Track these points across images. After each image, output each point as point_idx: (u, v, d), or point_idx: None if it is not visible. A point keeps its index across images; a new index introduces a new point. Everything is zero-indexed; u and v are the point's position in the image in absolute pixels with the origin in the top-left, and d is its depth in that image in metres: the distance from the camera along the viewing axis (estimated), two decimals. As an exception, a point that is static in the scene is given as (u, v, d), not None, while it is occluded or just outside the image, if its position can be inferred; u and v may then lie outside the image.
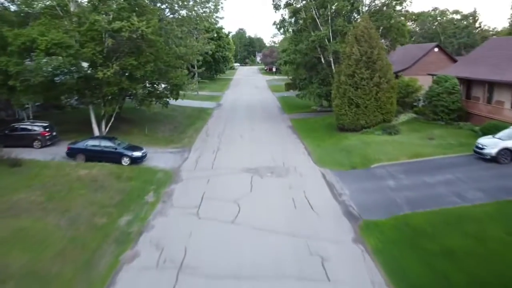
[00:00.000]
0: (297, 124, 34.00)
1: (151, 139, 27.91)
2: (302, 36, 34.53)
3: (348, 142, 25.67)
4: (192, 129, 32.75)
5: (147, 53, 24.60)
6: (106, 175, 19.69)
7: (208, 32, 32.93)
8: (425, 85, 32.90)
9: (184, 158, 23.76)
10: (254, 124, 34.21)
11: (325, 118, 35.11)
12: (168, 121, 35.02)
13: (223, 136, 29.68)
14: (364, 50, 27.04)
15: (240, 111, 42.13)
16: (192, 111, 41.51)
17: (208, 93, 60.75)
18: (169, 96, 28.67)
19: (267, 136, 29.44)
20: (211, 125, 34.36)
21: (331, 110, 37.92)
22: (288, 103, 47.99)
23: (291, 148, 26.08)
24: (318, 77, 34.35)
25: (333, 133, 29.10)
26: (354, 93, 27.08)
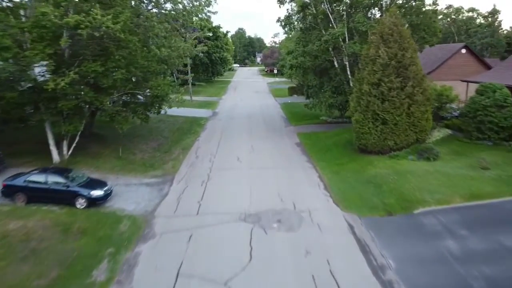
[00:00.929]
0: (307, 141, 28.38)
1: (125, 164, 22.30)
2: (312, 35, 28.94)
3: (374, 170, 20.06)
4: (180, 147, 27.11)
5: (117, 57, 19.04)
6: (48, 228, 14.10)
7: (202, 30, 27.29)
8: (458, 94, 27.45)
9: (163, 194, 18.14)
10: (254, 141, 28.59)
11: (339, 132, 29.51)
12: (152, 137, 29.41)
13: (216, 159, 24.06)
14: (393, 53, 21.46)
15: (238, 122, 36.49)
16: (183, 122, 35.90)
17: (203, 99, 55.16)
18: (149, 109, 23.07)
19: (270, 159, 23.83)
20: (203, 142, 28.74)
21: (344, 121, 32.51)
22: (293, 111, 42.36)
23: (302, 177, 20.48)
24: (331, 84, 28.75)
25: (352, 155, 23.48)
26: (380, 107, 21.50)
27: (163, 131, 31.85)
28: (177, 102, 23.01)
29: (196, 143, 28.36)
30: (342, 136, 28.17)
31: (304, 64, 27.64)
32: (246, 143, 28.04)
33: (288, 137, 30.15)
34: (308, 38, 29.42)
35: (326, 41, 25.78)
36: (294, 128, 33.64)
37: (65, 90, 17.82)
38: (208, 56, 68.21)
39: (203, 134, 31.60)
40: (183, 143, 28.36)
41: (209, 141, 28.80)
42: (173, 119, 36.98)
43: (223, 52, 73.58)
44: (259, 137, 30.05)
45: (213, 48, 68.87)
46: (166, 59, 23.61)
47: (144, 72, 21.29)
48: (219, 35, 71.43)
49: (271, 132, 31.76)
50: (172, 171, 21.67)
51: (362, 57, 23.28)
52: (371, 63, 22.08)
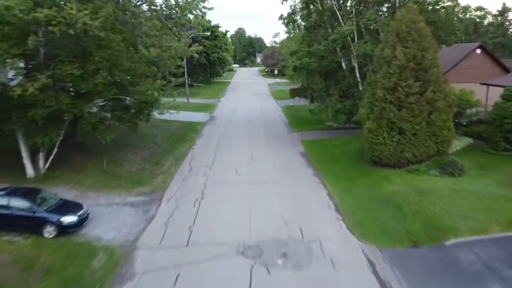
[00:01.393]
0: (312, 150, 25.90)
1: (110, 179, 19.85)
2: (318, 34, 26.50)
3: (391, 187, 17.59)
4: (173, 157, 24.65)
5: (97, 58, 16.59)
6: (5, 265, 11.69)
7: (197, 29, 24.77)
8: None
9: (149, 218, 15.67)
10: (255, 149, 26.12)
11: (347, 140, 27.05)
12: (144, 145, 26.96)
13: (212, 171, 21.58)
14: (411, 53, 19.02)
15: (237, 128, 34.01)
16: (178, 128, 33.44)
17: (201, 101, 52.75)
18: (137, 117, 20.62)
19: (273, 172, 21.37)
20: (198, 151, 26.26)
21: (352, 127, 30.08)
22: (295, 115, 39.89)
23: (309, 194, 18.03)
24: (338, 88, 26.29)
25: (364, 168, 21.01)
26: (396, 114, 19.05)
27: (156, 138, 29.40)
28: (168, 108, 20.53)
29: (190, 152, 25.88)
30: (351, 145, 25.71)
31: (309, 66, 25.19)
32: (246, 152, 25.57)
33: (291, 145, 27.67)
34: (313, 37, 26.96)
35: (334, 40, 23.33)
36: (297, 134, 31.17)
37: (36, 97, 15.41)
38: (206, 57, 65.79)
39: (199, 141, 29.11)
40: (176, 152, 25.88)
41: (205, 150, 26.32)
42: (167, 124, 34.53)
43: (221, 52, 71.16)
44: (260, 145, 27.58)
45: (211, 48, 66.51)
46: (156, 61, 21.13)
47: (130, 75, 18.81)
48: (217, 34, 68.99)
49: (273, 140, 29.28)
50: (161, 187, 19.20)
51: (375, 58, 20.83)
52: (386, 65, 19.64)
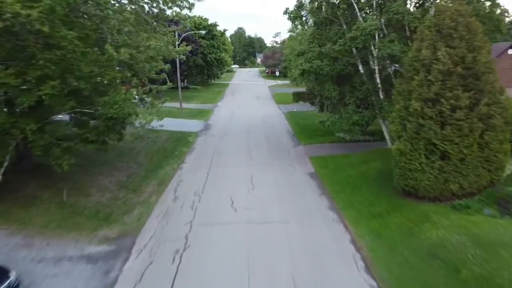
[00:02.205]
0: (324, 170, 21.52)
1: (69, 215, 15.46)
2: (331, 32, 22.11)
3: (436, 231, 13.19)
4: (156, 180, 20.27)
5: (41, 61, 12.23)
6: None
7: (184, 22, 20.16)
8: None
9: (108, 284, 11.29)
10: (255, 169, 21.73)
11: (365, 157, 22.70)
12: (122, 164, 22.58)
13: (202, 203, 17.19)
14: (458, 55, 14.67)
15: (235, 140, 29.60)
16: (166, 140, 29.11)
17: (196, 106, 48.42)
18: (106, 135, 16.22)
19: (277, 204, 16.98)
20: (187, 171, 21.86)
21: (367, 140, 25.75)
22: (300, 124, 35.53)
23: (326, 241, 13.66)
24: (355, 95, 21.90)
25: (393, 198, 16.65)
26: (439, 134, 14.69)
27: (139, 154, 25.03)
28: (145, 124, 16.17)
29: (178, 174, 21.48)
30: (370, 165, 21.35)
31: (321, 70, 20.78)
32: (244, 173, 21.18)
33: (298, 163, 23.27)
34: (324, 35, 22.56)
35: (352, 38, 18.91)
36: (304, 148, 26.80)
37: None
38: (203, 57, 61.50)
39: (190, 158, 24.69)
40: (161, 173, 21.49)
41: (195, 170, 21.93)
42: (155, 135, 30.17)
43: (219, 53, 66.79)
44: (261, 163, 23.18)
45: (208, 48, 62.17)
46: (132, 63, 16.73)
47: (93, 83, 14.42)
48: (215, 33, 64.60)
49: (276, 155, 24.88)
50: (135, 228, 14.80)
51: (407, 61, 16.44)
52: (423, 70, 15.28)
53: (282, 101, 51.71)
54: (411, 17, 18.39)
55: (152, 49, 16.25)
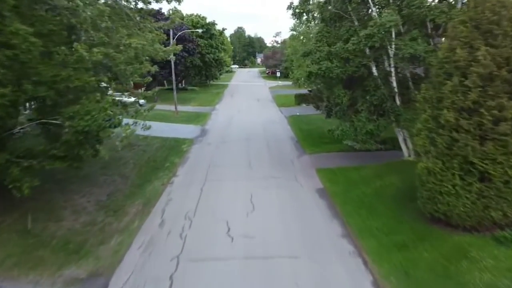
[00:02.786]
0: (333, 186, 18.91)
1: (33, 247, 12.88)
2: (341, 29, 19.56)
3: (479, 274, 10.64)
4: (141, 198, 17.68)
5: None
6: None
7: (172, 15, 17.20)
8: None
9: None
10: (255, 185, 19.14)
11: (379, 170, 20.18)
12: (105, 178, 20.03)
13: (193, 229, 14.58)
14: (503, 55, 12.10)
15: (233, 149, 27.00)
16: (158, 148, 26.58)
17: (192, 109, 45.90)
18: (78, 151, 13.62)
19: (282, 231, 14.39)
20: (178, 188, 19.26)
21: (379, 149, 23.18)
22: (304, 129, 32.98)
23: (343, 282, 11.10)
24: (369, 101, 19.33)
25: (418, 224, 14.08)
26: (478, 151, 12.13)
27: (126, 165, 22.47)
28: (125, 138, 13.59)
29: (167, 190, 18.90)
30: (386, 180, 18.80)
31: (331, 72, 18.20)
32: (243, 189, 18.60)
33: (304, 176, 20.68)
34: (333, 33, 19.99)
35: (368, 36, 16.32)
36: (310, 158, 24.23)
37: None
38: (201, 58, 58.93)
39: (182, 170, 22.10)
40: (148, 189, 18.91)
41: (187, 186, 19.35)
42: (145, 143, 27.66)
43: (218, 53, 64.18)
44: (262, 176, 20.60)
45: (206, 48, 59.65)
46: (110, 66, 14.16)
47: (58, 89, 11.86)
48: (213, 33, 62.01)
49: (279, 167, 22.30)
50: (109, 265, 12.20)
51: (437, 62, 13.87)
52: (458, 74, 12.71)
53: (283, 104, 49.12)
54: (437, 11, 15.79)
55: (134, 48, 13.65)
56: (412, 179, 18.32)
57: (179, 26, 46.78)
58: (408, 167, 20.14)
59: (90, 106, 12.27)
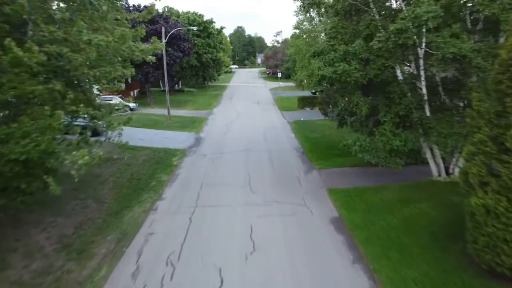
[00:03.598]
0: (351, 215, 15.49)
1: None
2: (359, 24, 16.20)
3: None
4: (116, 233, 14.31)
5: None
6: None
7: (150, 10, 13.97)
8: None
9: None
10: (256, 213, 15.75)
11: (402, 192, 16.91)
12: (78, 201, 16.70)
13: (175, 282, 11.21)
14: None
15: (230, 161, 23.61)
16: (145, 161, 23.25)
17: (188, 113, 42.57)
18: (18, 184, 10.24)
19: (291, 283, 11.05)
20: (163, 216, 15.85)
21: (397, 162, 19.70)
22: (310, 137, 29.64)
23: None
24: (393, 111, 15.98)
25: (468, 277, 10.73)
26: None
27: (104, 185, 19.13)
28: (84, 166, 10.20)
29: (149, 219, 15.51)
30: (415, 207, 15.45)
31: (349, 76, 14.82)
32: (242, 219, 15.24)
33: (314, 200, 17.28)
34: (350, 29, 16.61)
35: (400, 31, 12.92)
36: (319, 175, 20.87)
37: None
38: (198, 58, 55.57)
39: (169, 192, 18.69)
40: (126, 218, 15.55)
41: (174, 214, 15.97)
42: (132, 154, 24.50)
43: (216, 53, 60.76)
44: (264, 200, 17.21)
45: (203, 48, 56.26)
46: (68, 69, 10.79)
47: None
48: (211, 31, 58.59)
49: (284, 187, 18.92)
50: None
51: (497, 65, 10.50)
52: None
53: (286, 107, 45.76)
54: (486, 1, 12.42)
55: (95, 46, 10.29)
56: (449, 207, 15.04)
57: (173, 24, 43.45)
58: (440, 190, 16.85)
59: (31, 125, 8.89)
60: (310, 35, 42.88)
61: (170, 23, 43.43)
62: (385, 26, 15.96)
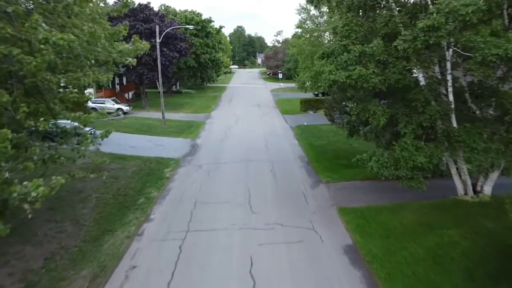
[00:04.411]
0: (368, 244, 13.29)
1: None
2: (376, 21, 14.05)
3: None
4: (91, 266, 12.11)
5: None
6: None
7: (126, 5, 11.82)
8: None
9: None
10: (257, 241, 13.56)
11: (425, 214, 14.77)
12: (52, 224, 14.57)
13: None
14: None
15: (228, 176, 21.34)
16: (134, 173, 21.09)
17: (185, 117, 40.43)
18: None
19: None
20: (149, 243, 13.65)
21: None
22: (315, 145, 27.49)
23: None
24: (416, 121, 13.81)
25: None
26: None
27: (86, 202, 16.99)
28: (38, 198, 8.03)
29: (132, 248, 13.30)
30: (442, 233, 13.35)
31: (366, 81, 12.64)
32: (239, 251, 13.03)
33: (323, 222, 15.09)
34: (366, 27, 14.43)
35: (431, 28, 10.73)
36: (327, 190, 18.70)
37: None
38: (196, 58, 53.40)
39: (159, 210, 16.48)
40: (105, 246, 13.36)
41: (161, 242, 13.73)
42: (119, 166, 22.44)
43: (215, 53, 58.55)
44: (267, 224, 14.99)
45: (201, 48, 54.08)
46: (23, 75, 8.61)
47: None
48: (210, 31, 56.37)
49: (288, 207, 16.71)
50: None
51: None
52: None
53: (288, 111, 43.57)
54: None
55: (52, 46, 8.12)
56: (483, 236, 12.89)
57: (168, 23, 41.28)
58: (469, 212, 14.69)
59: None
60: (313, 35, 40.71)
61: (165, 22, 41.26)
62: (406, 24, 13.84)
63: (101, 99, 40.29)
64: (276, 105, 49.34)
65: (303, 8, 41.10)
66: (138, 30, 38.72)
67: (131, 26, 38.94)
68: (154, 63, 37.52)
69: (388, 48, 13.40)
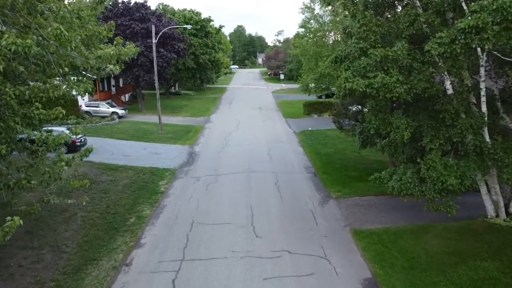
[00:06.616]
0: (390, 278, 11.48)
1: None
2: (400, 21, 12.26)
3: None
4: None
5: None
6: None
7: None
8: None
9: None
10: (261, 276, 11.76)
11: (453, 240, 13.04)
12: (29, 250, 12.84)
13: None
14: None
15: (228, 191, 19.47)
16: (126, 187, 19.33)
17: (183, 121, 38.65)
18: None
19: None
20: (137, 278, 11.83)
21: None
22: (322, 153, 25.73)
23: None
24: (444, 135, 12.01)
25: None
26: None
27: (69, 223, 15.21)
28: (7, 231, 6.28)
29: (118, 283, 11.50)
30: (476, 266, 11.63)
31: (390, 91, 10.83)
32: (241, 285, 11.28)
33: (337, 249, 13.28)
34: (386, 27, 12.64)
35: (473, 29, 8.93)
36: (339, 207, 16.91)
37: None
38: (195, 59, 51.59)
39: (151, 234, 14.64)
40: (87, 280, 11.56)
41: (151, 275, 11.91)
42: (112, 176, 20.66)
43: (215, 53, 56.71)
44: (273, 249, 13.20)
45: (201, 48, 52.26)
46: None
47: None
48: (209, 30, 54.51)
49: (296, 229, 14.87)
50: None
51: None
52: None
53: (291, 114, 41.78)
54: None
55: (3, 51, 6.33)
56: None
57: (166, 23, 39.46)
58: (505, 240, 12.88)
59: None
60: (317, 35, 38.87)
61: (163, 22, 39.45)
62: (432, 24, 12.06)
63: (95, 102, 38.46)
64: (278, 108, 47.52)
65: (307, 7, 39.29)
66: (134, 30, 36.93)
67: (127, 25, 37.16)
68: (151, 65, 35.74)
69: (412, 52, 11.62)
